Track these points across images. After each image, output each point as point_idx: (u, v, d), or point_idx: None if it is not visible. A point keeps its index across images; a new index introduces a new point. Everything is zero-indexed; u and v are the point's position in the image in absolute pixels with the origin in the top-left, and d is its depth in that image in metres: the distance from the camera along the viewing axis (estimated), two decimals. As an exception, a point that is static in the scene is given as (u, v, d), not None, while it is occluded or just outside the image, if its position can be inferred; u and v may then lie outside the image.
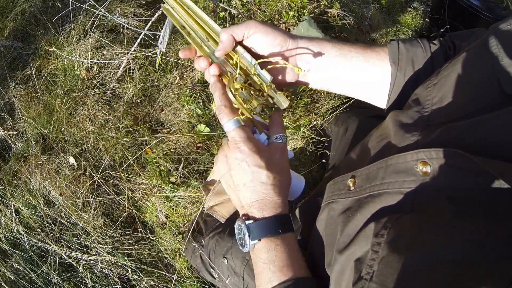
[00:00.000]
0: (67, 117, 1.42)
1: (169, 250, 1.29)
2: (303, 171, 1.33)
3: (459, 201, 0.34)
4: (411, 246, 0.33)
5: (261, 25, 0.51)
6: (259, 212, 0.48)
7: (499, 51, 0.38)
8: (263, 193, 0.48)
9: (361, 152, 0.56)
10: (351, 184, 0.47)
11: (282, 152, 0.50)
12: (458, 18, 1.51)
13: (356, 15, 1.60)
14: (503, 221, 0.30)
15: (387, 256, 0.35)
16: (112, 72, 1.46)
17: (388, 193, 0.40)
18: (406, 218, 0.37)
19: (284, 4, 1.51)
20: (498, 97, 0.37)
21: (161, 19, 1.50)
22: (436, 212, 0.35)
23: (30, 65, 1.53)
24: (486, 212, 0.32)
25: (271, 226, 0.47)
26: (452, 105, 0.43)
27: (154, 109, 1.44)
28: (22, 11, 1.67)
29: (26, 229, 1.27)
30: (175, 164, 1.33)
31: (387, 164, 0.42)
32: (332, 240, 0.48)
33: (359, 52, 0.54)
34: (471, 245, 0.30)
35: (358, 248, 0.40)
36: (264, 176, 0.47)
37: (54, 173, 1.34)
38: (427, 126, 0.44)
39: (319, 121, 1.32)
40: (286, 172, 0.50)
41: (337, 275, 0.43)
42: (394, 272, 0.33)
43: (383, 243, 0.36)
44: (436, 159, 0.36)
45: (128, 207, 1.29)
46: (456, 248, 0.30)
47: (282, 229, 0.47)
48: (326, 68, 0.55)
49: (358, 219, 0.43)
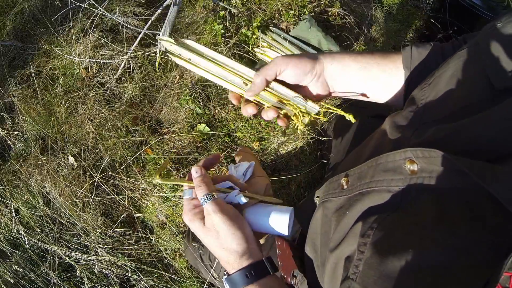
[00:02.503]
0: (66, 117, 1.41)
1: (169, 250, 1.29)
2: (303, 171, 1.33)
3: (444, 201, 0.34)
4: (393, 249, 0.33)
5: (289, 59, 0.53)
6: (227, 269, 0.53)
7: (487, 47, 0.39)
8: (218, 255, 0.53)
9: (358, 153, 0.58)
10: (345, 183, 0.48)
11: (209, 214, 0.51)
12: (459, 17, 1.51)
13: (357, 14, 1.60)
14: (487, 227, 0.30)
15: (370, 257, 0.35)
16: (112, 72, 1.45)
17: (377, 191, 0.41)
18: (391, 219, 0.37)
19: (284, 3, 1.50)
20: (489, 92, 0.38)
21: (160, 18, 1.50)
22: (421, 213, 0.35)
23: (30, 64, 1.53)
24: (470, 214, 0.32)
25: (235, 281, 0.50)
26: (444, 103, 0.43)
27: (153, 108, 1.44)
28: (21, 10, 1.67)
29: (25, 229, 1.27)
30: (175, 163, 1.33)
31: (377, 162, 0.42)
32: (326, 239, 0.49)
33: (377, 63, 0.57)
34: (451, 250, 0.30)
35: (348, 246, 0.40)
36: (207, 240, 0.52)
37: (54, 173, 1.33)
38: (422, 125, 0.44)
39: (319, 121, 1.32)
40: (224, 233, 0.51)
41: (330, 274, 0.44)
42: (375, 274, 0.34)
43: (368, 244, 0.36)
44: (422, 158, 0.37)
45: (128, 207, 1.29)
46: (436, 253, 0.31)
47: (248, 281, 0.50)
48: (348, 81, 0.58)
49: (348, 218, 0.44)
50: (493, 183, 0.29)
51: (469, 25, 1.50)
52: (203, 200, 0.51)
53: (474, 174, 0.31)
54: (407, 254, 0.32)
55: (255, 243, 0.53)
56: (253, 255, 0.51)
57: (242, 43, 1.46)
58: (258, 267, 0.50)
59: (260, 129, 1.36)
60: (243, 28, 1.46)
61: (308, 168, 1.33)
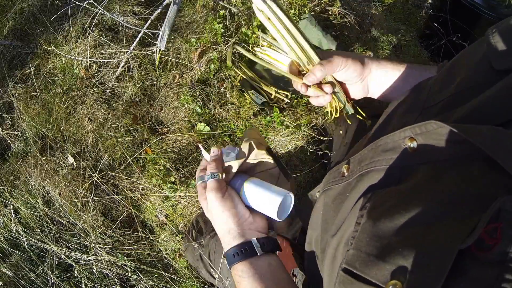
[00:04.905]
0: (66, 116, 1.41)
1: (169, 250, 1.28)
2: (304, 170, 1.32)
3: (439, 169, 0.36)
4: (385, 213, 0.35)
5: (347, 59, 0.57)
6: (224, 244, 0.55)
7: (491, 35, 0.41)
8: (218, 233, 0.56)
9: (359, 146, 0.58)
10: (345, 170, 0.49)
11: (208, 191, 0.54)
12: (459, 17, 1.50)
13: (357, 13, 1.59)
14: (474, 181, 0.31)
15: (364, 223, 0.37)
16: (111, 71, 1.45)
17: (376, 170, 0.42)
18: (388, 190, 0.39)
19: (284, 2, 1.49)
20: (490, 75, 0.39)
21: (160, 18, 1.49)
22: (416, 181, 0.37)
23: (29, 64, 1.52)
24: (461, 175, 0.33)
25: (228, 258, 0.53)
26: (446, 87, 0.44)
27: (153, 108, 1.43)
28: (21, 10, 1.67)
29: (25, 229, 1.26)
30: (175, 163, 1.32)
31: (377, 145, 0.43)
32: (326, 226, 0.50)
33: (414, 68, 0.60)
34: (439, 204, 0.32)
35: (349, 227, 0.41)
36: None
37: (53, 172, 1.33)
38: (424, 109, 0.45)
39: (320, 120, 1.31)
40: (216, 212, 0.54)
41: (331, 259, 0.44)
42: (367, 236, 0.35)
43: (365, 213, 0.38)
44: (420, 134, 0.37)
45: (128, 207, 1.29)
46: (424, 209, 0.32)
47: (236, 259, 0.52)
48: (387, 86, 0.62)
49: (349, 200, 0.44)
50: (484, 141, 0.30)
51: (470, 24, 1.50)
52: (208, 177, 0.55)
53: (467, 135, 0.31)
54: (398, 216, 0.33)
55: (251, 223, 0.55)
56: (245, 235, 0.53)
57: (242, 42, 1.45)
58: (245, 247, 0.52)
59: (260, 129, 1.36)
60: (243, 27, 1.46)
61: (309, 168, 1.32)
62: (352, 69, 0.58)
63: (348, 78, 0.60)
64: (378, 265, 0.32)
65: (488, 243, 0.26)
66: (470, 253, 0.27)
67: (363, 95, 0.64)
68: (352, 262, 0.35)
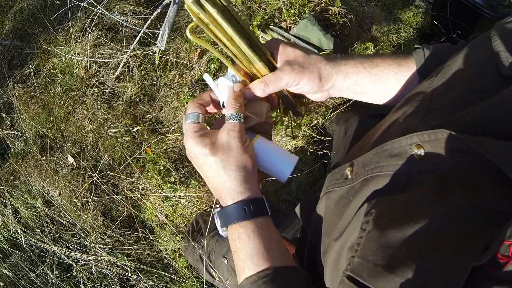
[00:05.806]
0: (65, 116, 1.41)
1: (169, 250, 1.28)
2: (304, 170, 1.32)
3: (446, 179, 0.35)
4: (393, 222, 0.34)
5: (302, 76, 0.52)
6: (221, 200, 0.48)
7: (497, 38, 0.40)
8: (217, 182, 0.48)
9: (362, 145, 0.57)
10: (349, 173, 0.47)
11: (230, 132, 0.48)
12: (460, 16, 1.50)
13: (357, 12, 1.59)
14: (485, 196, 0.31)
15: (371, 231, 0.36)
16: (111, 71, 1.45)
17: (382, 175, 0.41)
18: (394, 197, 0.38)
19: (284, 2, 1.49)
20: (496, 79, 0.39)
21: (160, 17, 1.49)
22: (423, 190, 0.36)
23: (29, 64, 1.52)
24: (470, 187, 0.32)
25: (229, 214, 0.46)
26: (452, 89, 0.44)
27: (153, 108, 1.43)
28: (20, 9, 1.66)
29: (25, 229, 1.26)
30: (175, 163, 1.32)
31: (383, 149, 0.42)
32: (328, 229, 0.49)
33: (394, 72, 0.56)
34: (449, 217, 0.31)
35: (353, 232, 0.40)
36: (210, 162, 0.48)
37: (53, 172, 1.33)
38: (429, 112, 0.44)
39: (320, 120, 1.31)
40: (235, 154, 0.47)
41: (333, 264, 0.43)
42: (374, 246, 0.34)
43: (371, 220, 0.37)
44: (428, 141, 0.37)
45: (128, 207, 1.29)
46: (434, 221, 0.32)
47: (245, 216, 0.46)
48: (359, 90, 0.58)
49: (353, 204, 0.44)
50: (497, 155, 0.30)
51: (470, 24, 1.50)
52: (233, 116, 0.49)
53: (480, 148, 0.31)
54: (407, 226, 0.33)
55: (257, 181, 0.50)
56: (254, 191, 0.48)
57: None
58: (257, 204, 0.47)
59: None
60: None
61: (309, 168, 1.32)
62: (308, 86, 0.53)
63: (302, 92, 0.56)
64: (386, 277, 0.31)
65: (500, 261, 0.26)
66: (482, 270, 0.26)
67: (322, 100, 0.60)
68: (358, 271, 0.34)
